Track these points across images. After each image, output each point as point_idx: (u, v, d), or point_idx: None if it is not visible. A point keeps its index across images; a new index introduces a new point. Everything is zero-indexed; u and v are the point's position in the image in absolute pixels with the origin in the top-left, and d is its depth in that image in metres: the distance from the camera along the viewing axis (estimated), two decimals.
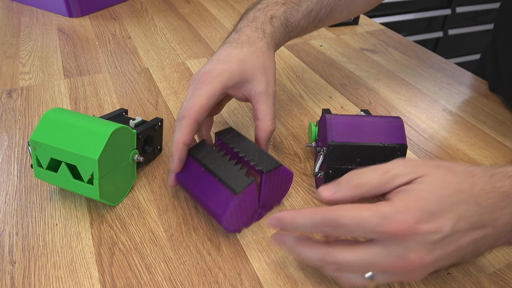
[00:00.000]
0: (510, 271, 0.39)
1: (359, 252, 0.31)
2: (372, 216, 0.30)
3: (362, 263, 0.31)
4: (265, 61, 0.44)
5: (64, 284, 0.37)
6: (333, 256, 0.32)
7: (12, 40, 0.79)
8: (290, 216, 0.33)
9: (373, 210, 0.30)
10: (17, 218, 0.43)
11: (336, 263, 0.32)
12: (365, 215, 0.30)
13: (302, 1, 0.50)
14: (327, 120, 0.44)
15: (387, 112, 0.62)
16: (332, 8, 0.52)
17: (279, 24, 0.47)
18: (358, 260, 0.31)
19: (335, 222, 0.31)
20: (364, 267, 0.32)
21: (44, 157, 0.40)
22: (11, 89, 0.64)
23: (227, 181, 0.38)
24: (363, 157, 0.42)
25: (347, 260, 0.32)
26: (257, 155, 0.40)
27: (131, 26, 0.86)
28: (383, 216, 0.30)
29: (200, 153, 0.40)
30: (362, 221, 0.30)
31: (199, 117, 0.40)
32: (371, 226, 0.30)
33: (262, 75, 0.43)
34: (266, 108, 0.43)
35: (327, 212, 0.31)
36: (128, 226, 0.42)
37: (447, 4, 1.81)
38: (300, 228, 0.33)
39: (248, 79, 0.42)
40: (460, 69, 0.74)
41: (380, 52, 0.79)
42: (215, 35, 0.84)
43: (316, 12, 0.50)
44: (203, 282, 0.37)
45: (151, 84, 0.66)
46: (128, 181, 0.45)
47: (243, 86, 0.43)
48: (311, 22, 0.51)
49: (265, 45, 0.45)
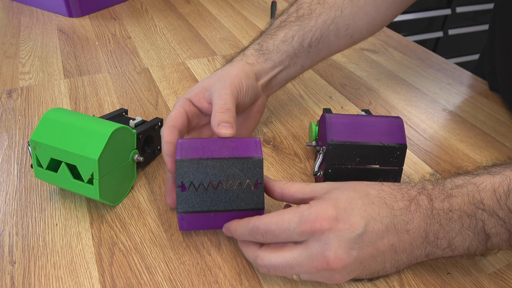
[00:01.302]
0: (510, 271, 0.39)
1: (283, 254, 0.34)
2: (292, 217, 0.33)
3: (286, 265, 0.34)
4: (222, 72, 0.46)
5: (64, 284, 0.37)
6: (262, 260, 0.35)
7: (12, 40, 0.79)
8: (233, 226, 0.37)
9: (293, 212, 0.33)
10: (17, 218, 0.43)
11: (265, 266, 0.35)
12: (286, 217, 0.33)
13: (278, 31, 0.51)
14: (327, 119, 0.44)
15: (387, 112, 0.62)
16: (322, 33, 0.51)
17: (252, 51, 0.50)
18: (282, 262, 0.34)
19: (263, 230, 0.34)
20: (289, 269, 0.34)
21: (44, 157, 0.40)
22: (11, 89, 0.64)
23: (246, 207, 0.37)
24: (362, 156, 0.42)
25: (272, 263, 0.34)
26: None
27: (131, 26, 0.86)
28: (302, 214, 0.33)
29: (196, 205, 0.37)
30: (284, 224, 0.33)
31: (174, 122, 0.42)
32: (293, 227, 0.33)
33: (217, 80, 0.44)
34: (217, 98, 0.42)
35: (256, 221, 0.35)
36: (128, 226, 0.42)
37: (447, 4, 1.81)
38: (241, 237, 0.36)
39: (205, 87, 0.45)
40: (460, 69, 0.74)
41: (380, 52, 0.79)
42: (215, 35, 0.84)
43: (301, 38, 0.50)
44: (203, 282, 0.37)
45: (151, 84, 0.66)
46: (128, 181, 0.45)
47: (203, 95, 0.44)
48: (299, 48, 0.51)
49: (228, 65, 0.48)
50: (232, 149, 0.38)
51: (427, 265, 0.39)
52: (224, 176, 0.37)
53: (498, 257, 0.40)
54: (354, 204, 0.33)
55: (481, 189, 0.33)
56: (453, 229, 0.33)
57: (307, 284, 0.37)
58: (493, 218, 0.32)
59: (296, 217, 0.33)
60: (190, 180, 0.37)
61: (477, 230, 0.33)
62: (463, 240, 0.33)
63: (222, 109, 0.40)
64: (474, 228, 0.33)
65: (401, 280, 0.38)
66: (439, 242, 0.33)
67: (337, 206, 0.33)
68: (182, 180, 0.37)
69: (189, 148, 0.38)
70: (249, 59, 0.49)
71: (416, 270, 0.39)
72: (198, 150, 0.38)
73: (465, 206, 0.33)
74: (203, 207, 0.37)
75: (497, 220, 0.32)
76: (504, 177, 0.33)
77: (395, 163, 0.43)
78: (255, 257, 0.35)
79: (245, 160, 0.37)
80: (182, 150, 0.38)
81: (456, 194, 0.33)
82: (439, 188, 0.34)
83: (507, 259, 0.40)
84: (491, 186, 0.33)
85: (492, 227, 0.32)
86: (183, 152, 0.37)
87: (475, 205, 0.33)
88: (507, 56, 0.60)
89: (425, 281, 0.38)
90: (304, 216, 0.33)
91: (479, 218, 0.33)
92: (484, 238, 0.33)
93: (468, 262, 0.40)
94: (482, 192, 0.33)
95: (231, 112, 0.41)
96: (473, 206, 0.33)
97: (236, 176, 0.37)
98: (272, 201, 0.45)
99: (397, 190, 0.35)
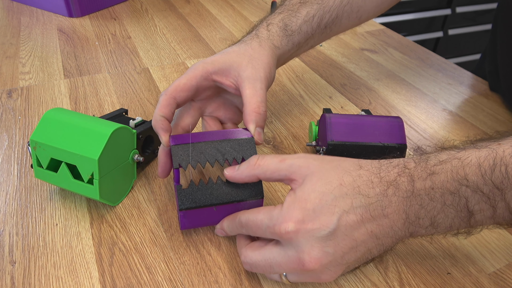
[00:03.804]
0: (510, 271, 0.39)
1: (263, 253, 0.34)
2: (264, 218, 0.33)
3: (266, 263, 0.34)
4: (253, 53, 0.44)
5: (64, 284, 0.37)
6: (245, 257, 0.35)
7: (12, 40, 0.79)
8: (225, 222, 0.38)
9: (266, 213, 0.34)
10: (17, 218, 0.43)
11: (247, 263, 0.35)
12: (259, 217, 0.34)
13: (300, 7, 0.50)
14: (327, 119, 0.44)
15: (387, 112, 0.62)
16: (338, 14, 0.51)
17: (277, 29, 0.48)
18: (262, 260, 0.34)
19: (243, 224, 0.35)
20: (269, 267, 0.34)
21: (44, 157, 0.40)
22: (11, 89, 0.64)
23: (246, 197, 0.38)
24: (362, 156, 0.42)
25: (254, 261, 0.35)
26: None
27: (131, 26, 0.86)
28: (271, 218, 0.33)
29: (197, 200, 0.38)
30: (258, 223, 0.34)
31: (176, 94, 0.40)
32: (264, 227, 0.33)
33: (248, 62, 0.42)
34: (251, 91, 0.41)
35: (241, 215, 0.36)
36: (128, 226, 0.42)
37: (447, 4, 1.81)
38: (232, 231, 0.38)
39: (233, 66, 0.42)
40: (460, 69, 0.74)
41: (380, 52, 0.79)
42: (215, 35, 0.84)
43: (319, 18, 0.50)
44: (203, 282, 0.37)
45: (151, 84, 0.66)
46: (128, 181, 0.45)
47: (229, 73, 0.42)
48: (317, 29, 0.50)
49: (256, 43, 0.45)
50: (223, 135, 0.39)
51: (427, 265, 0.39)
52: (220, 154, 0.38)
53: (498, 257, 0.40)
54: (324, 201, 0.32)
55: (465, 164, 0.32)
56: (435, 207, 0.32)
57: (307, 284, 0.37)
58: (477, 195, 0.31)
59: (266, 218, 0.33)
60: (187, 162, 0.37)
61: (459, 207, 0.32)
62: (445, 218, 0.32)
63: (260, 110, 0.40)
64: (456, 206, 0.32)
65: (401, 280, 0.38)
66: (421, 222, 0.33)
67: (305, 208, 0.32)
68: (180, 162, 0.37)
69: (181, 138, 0.38)
70: (275, 39, 0.47)
71: (416, 270, 0.39)
72: (191, 138, 0.38)
73: (448, 183, 0.32)
74: (204, 202, 0.37)
75: (481, 196, 0.31)
76: (490, 151, 0.32)
77: None
78: (241, 254, 0.36)
79: (237, 140, 0.39)
80: (175, 140, 0.38)
81: (439, 171, 0.32)
82: (421, 166, 0.33)
83: (507, 259, 0.40)
84: (476, 161, 0.31)
85: (475, 204, 0.31)
86: (176, 141, 0.38)
87: (458, 181, 0.31)
88: (508, 56, 0.61)
89: (425, 281, 0.38)
90: (273, 219, 0.33)
91: (462, 195, 0.31)
92: (467, 215, 0.32)
93: (468, 262, 0.40)
94: (467, 168, 0.31)
95: (265, 114, 0.41)
96: (457, 182, 0.31)
97: (231, 154, 0.38)
98: (272, 194, 0.45)
99: (375, 174, 0.33)
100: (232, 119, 0.47)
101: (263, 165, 0.35)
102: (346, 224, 0.32)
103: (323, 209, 0.32)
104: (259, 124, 0.40)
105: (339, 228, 0.32)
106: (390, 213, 0.32)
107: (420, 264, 0.39)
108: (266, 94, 0.42)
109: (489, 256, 0.40)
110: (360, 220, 0.32)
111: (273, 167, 0.35)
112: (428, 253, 0.40)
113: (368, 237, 0.32)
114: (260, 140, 0.40)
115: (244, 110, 0.40)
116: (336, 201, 0.32)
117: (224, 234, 0.39)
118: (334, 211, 0.32)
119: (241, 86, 0.41)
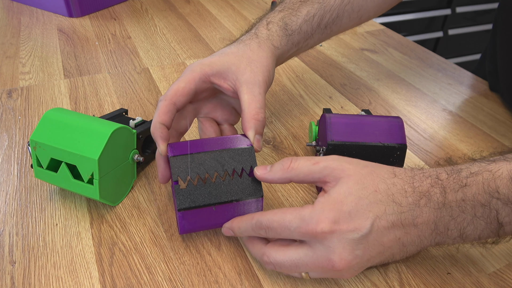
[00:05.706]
0: (510, 271, 0.39)
1: (289, 253, 0.34)
2: (293, 219, 0.33)
3: (292, 264, 0.34)
4: (252, 55, 0.43)
5: (64, 284, 0.37)
6: (268, 257, 0.35)
7: (12, 40, 0.79)
8: (235, 223, 0.37)
9: (295, 213, 0.33)
10: (17, 218, 0.43)
11: (271, 263, 0.35)
12: (288, 218, 0.33)
13: (301, 6, 0.49)
14: (327, 119, 0.44)
15: (387, 112, 0.62)
16: (338, 14, 0.51)
17: (277, 28, 0.47)
18: (288, 260, 0.34)
19: (266, 226, 0.34)
20: (295, 267, 0.34)
21: (44, 157, 0.40)
22: (11, 89, 0.64)
23: (246, 196, 0.38)
24: (362, 156, 0.42)
25: (278, 261, 0.34)
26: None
27: (131, 26, 0.86)
28: (302, 218, 0.33)
29: (196, 199, 0.37)
30: (285, 224, 0.33)
31: (176, 99, 0.40)
32: (293, 228, 0.33)
33: (246, 65, 0.42)
34: (250, 97, 0.40)
35: (260, 216, 0.35)
36: (128, 226, 0.42)
37: (447, 4, 1.81)
38: (244, 233, 0.37)
39: (231, 69, 0.41)
40: (460, 69, 0.74)
41: (380, 52, 0.79)
42: (215, 35, 0.84)
43: (320, 17, 0.49)
44: (203, 282, 0.37)
45: (151, 84, 0.66)
46: (128, 181, 0.45)
47: (227, 76, 0.41)
48: (317, 28, 0.50)
49: (255, 44, 0.44)
50: (222, 143, 0.39)
51: (427, 265, 0.39)
52: (219, 166, 0.38)
53: (498, 257, 0.40)
54: (360, 205, 0.32)
55: (496, 177, 0.32)
56: (465, 219, 0.33)
57: (307, 283, 0.37)
58: (508, 207, 0.32)
59: (297, 218, 0.33)
60: (186, 175, 0.37)
61: (490, 220, 0.32)
62: (475, 229, 0.33)
63: (259, 116, 0.39)
64: (487, 218, 0.32)
65: (401, 280, 0.38)
66: (449, 233, 0.33)
67: (341, 210, 0.32)
68: (179, 175, 0.37)
69: (179, 147, 0.38)
70: (274, 39, 0.46)
71: (416, 270, 0.39)
72: (189, 148, 0.38)
73: (479, 195, 0.32)
74: (203, 201, 0.37)
75: (511, 208, 0.32)
76: None
77: (395, 163, 0.43)
78: (262, 254, 0.36)
79: (236, 150, 0.38)
80: (174, 149, 0.38)
81: (470, 183, 0.33)
82: (453, 178, 0.33)
83: (507, 259, 0.40)
84: (508, 174, 0.32)
85: (505, 216, 0.32)
86: (175, 151, 0.38)
87: (489, 194, 0.32)
88: (508, 56, 0.61)
89: (425, 281, 0.38)
90: (305, 219, 0.32)
91: (493, 207, 0.32)
92: (496, 227, 0.33)
93: (468, 262, 0.40)
94: (498, 180, 0.32)
95: (264, 120, 0.40)
96: (488, 195, 0.32)
97: (230, 165, 0.38)
98: (272, 194, 0.45)
99: (408, 183, 0.34)
100: (228, 120, 0.46)
101: (296, 168, 0.35)
102: (378, 229, 0.32)
103: (359, 213, 0.32)
104: (258, 131, 0.40)
105: (371, 233, 0.32)
106: (420, 223, 0.33)
107: (420, 264, 0.39)
108: (264, 99, 0.41)
109: (489, 256, 0.40)
110: (391, 226, 0.33)
111: (306, 170, 0.35)
112: (428, 253, 0.40)
113: (395, 243, 0.33)
114: (259, 147, 0.40)
115: (242, 116, 0.40)
116: (371, 207, 0.33)
117: (231, 234, 0.38)
118: (368, 216, 0.32)
119: (239, 91, 0.41)
